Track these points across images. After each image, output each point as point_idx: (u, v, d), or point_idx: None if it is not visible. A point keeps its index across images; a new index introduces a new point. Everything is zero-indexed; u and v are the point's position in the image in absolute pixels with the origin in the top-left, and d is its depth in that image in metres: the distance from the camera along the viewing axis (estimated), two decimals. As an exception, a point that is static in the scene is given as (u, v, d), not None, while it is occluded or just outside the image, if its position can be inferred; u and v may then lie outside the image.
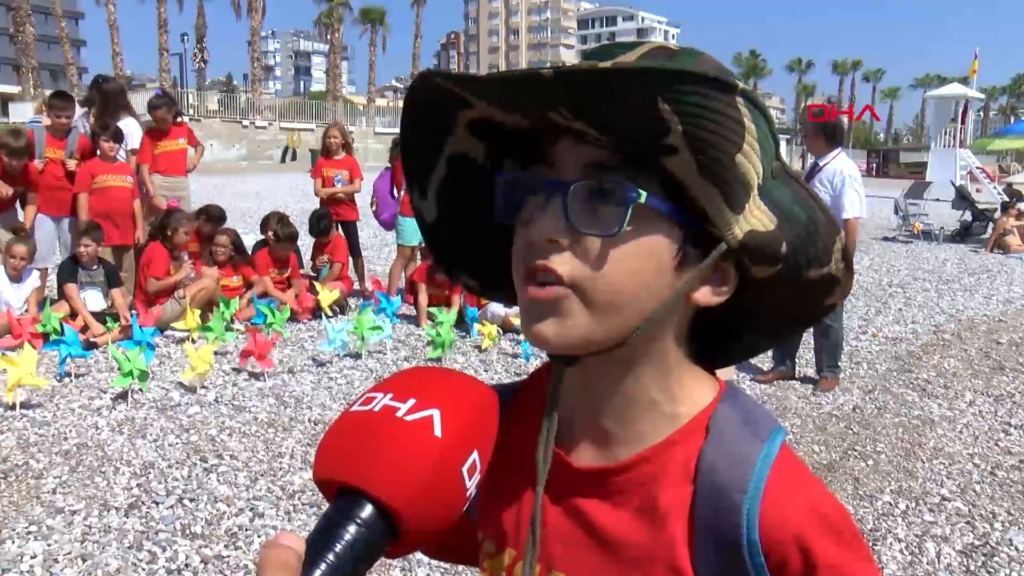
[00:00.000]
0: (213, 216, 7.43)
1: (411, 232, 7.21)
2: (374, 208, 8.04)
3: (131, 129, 7.17)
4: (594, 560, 0.72)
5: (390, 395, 0.56)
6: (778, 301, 0.73)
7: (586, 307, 0.65)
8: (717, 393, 0.73)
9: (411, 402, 0.55)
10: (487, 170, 0.73)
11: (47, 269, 6.76)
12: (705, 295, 0.69)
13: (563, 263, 0.65)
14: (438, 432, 0.54)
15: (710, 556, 0.67)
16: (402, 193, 7.24)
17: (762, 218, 0.65)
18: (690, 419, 0.71)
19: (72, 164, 6.69)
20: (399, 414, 0.55)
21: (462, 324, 6.63)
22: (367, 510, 0.52)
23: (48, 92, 7.60)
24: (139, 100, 8.87)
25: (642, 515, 0.70)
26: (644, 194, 0.63)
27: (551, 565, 0.74)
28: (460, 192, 0.76)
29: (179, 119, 7.43)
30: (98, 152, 6.71)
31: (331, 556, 0.50)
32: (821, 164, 5.33)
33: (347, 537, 0.51)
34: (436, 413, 0.55)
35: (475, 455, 0.56)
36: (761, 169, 0.63)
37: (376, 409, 0.56)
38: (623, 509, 0.71)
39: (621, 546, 0.71)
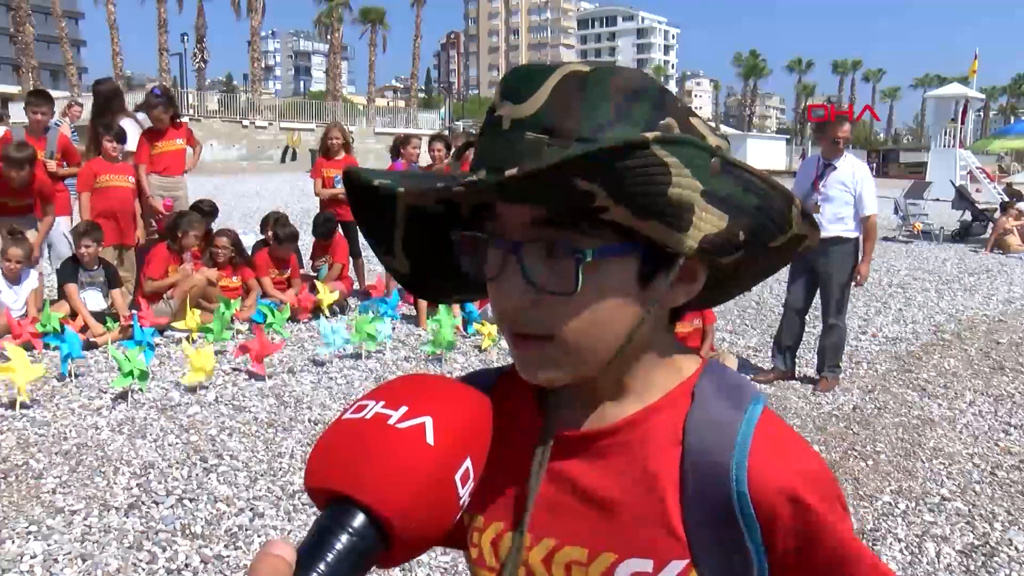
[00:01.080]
0: (204, 211, 7.45)
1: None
2: None
3: (129, 131, 7.17)
4: (585, 524, 0.73)
5: (382, 403, 0.56)
6: (751, 270, 0.77)
7: (567, 354, 0.69)
8: (699, 366, 0.76)
9: (403, 409, 0.55)
10: (444, 216, 0.75)
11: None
12: (679, 297, 0.72)
13: (536, 323, 0.68)
14: (430, 440, 0.54)
15: (701, 514, 0.69)
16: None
17: (712, 220, 0.66)
18: (674, 387, 0.74)
19: (53, 164, 6.67)
20: (391, 422, 0.54)
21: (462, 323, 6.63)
22: (359, 519, 0.51)
23: (48, 92, 7.52)
24: (139, 100, 8.83)
25: (632, 477, 0.72)
26: (590, 252, 0.65)
27: (541, 534, 0.75)
28: (424, 241, 0.77)
29: (177, 120, 7.41)
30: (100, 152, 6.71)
31: (322, 565, 0.50)
32: (836, 164, 5.38)
33: (339, 546, 0.50)
34: (428, 420, 0.54)
35: (468, 462, 0.56)
36: (699, 184, 0.64)
37: (368, 417, 0.55)
38: (612, 472, 0.73)
39: (612, 508, 0.72)
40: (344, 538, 0.51)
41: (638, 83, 0.66)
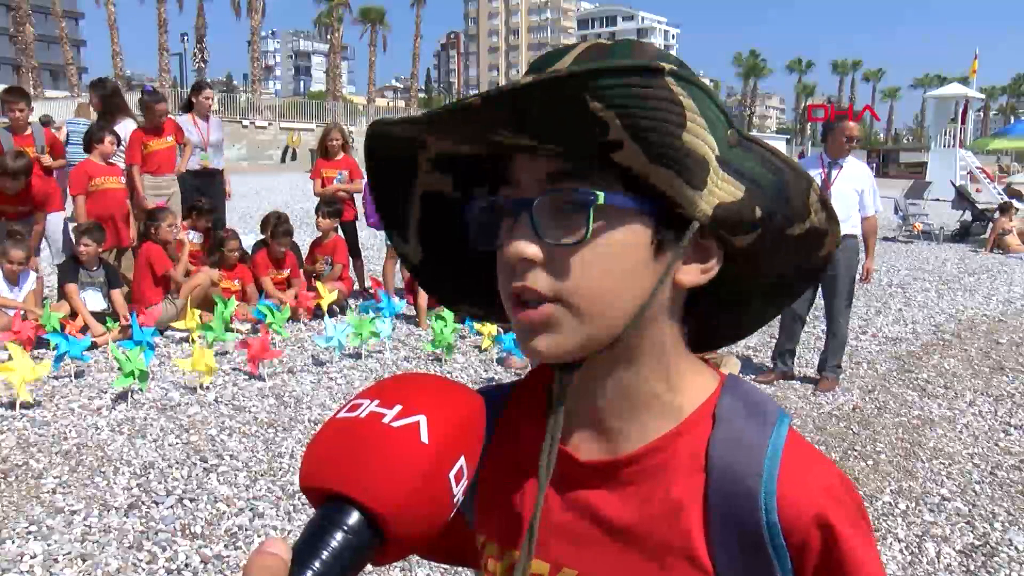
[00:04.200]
0: (204, 210, 7.44)
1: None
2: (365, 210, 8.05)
3: (125, 134, 7.17)
4: (606, 554, 0.71)
5: (376, 401, 0.56)
6: (771, 264, 0.73)
7: (574, 316, 0.66)
8: (719, 384, 0.73)
9: (397, 408, 0.55)
10: (461, 203, 0.74)
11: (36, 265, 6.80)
12: (692, 275, 0.69)
13: (542, 279, 0.66)
14: (424, 438, 0.54)
15: (728, 543, 0.67)
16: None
17: (728, 188, 0.65)
18: (695, 410, 0.72)
19: (46, 159, 6.68)
20: (385, 420, 0.54)
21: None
22: (354, 517, 0.52)
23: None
24: (137, 100, 8.88)
25: (654, 506, 0.70)
26: (602, 194, 0.64)
27: (560, 564, 0.73)
28: (440, 229, 0.77)
29: (169, 115, 7.45)
30: (94, 154, 6.71)
31: (317, 563, 0.50)
32: (841, 164, 5.43)
33: (334, 544, 0.51)
34: (422, 419, 0.55)
35: (462, 461, 0.56)
36: (714, 142, 0.63)
37: (362, 415, 0.55)
38: (633, 501, 0.71)
39: (634, 538, 0.70)
40: (339, 536, 0.51)
41: (661, 53, 0.68)
